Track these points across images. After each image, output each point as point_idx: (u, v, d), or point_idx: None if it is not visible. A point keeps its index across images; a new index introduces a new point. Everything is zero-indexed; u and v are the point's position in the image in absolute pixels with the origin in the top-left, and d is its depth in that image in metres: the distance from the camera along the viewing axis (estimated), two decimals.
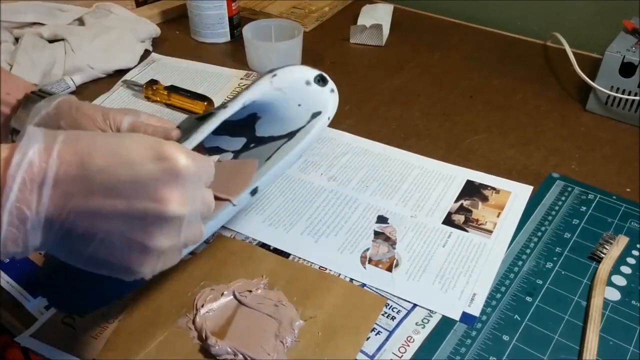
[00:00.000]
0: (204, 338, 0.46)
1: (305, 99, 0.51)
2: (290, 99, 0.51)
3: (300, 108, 0.52)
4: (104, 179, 0.31)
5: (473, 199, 0.62)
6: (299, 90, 0.51)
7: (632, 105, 0.73)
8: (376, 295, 0.51)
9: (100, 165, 0.31)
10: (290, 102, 0.51)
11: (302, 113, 0.52)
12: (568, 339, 0.48)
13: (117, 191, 0.31)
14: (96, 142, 0.32)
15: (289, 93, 0.51)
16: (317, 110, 0.52)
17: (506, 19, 1.00)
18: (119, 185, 0.31)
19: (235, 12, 0.94)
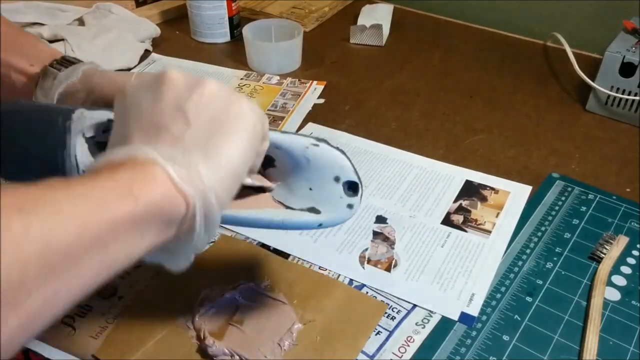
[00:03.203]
0: (202, 338, 0.46)
1: (320, 191, 0.43)
2: (307, 177, 0.43)
3: (307, 192, 0.44)
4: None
5: (472, 199, 0.62)
6: (323, 179, 0.43)
7: (632, 105, 0.73)
8: (377, 301, 0.51)
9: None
10: (304, 179, 0.44)
11: (303, 197, 0.44)
12: (568, 339, 0.48)
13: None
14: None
15: (311, 172, 0.43)
16: (319, 209, 0.44)
17: (506, 19, 1.00)
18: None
19: (235, 12, 0.94)
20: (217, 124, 0.32)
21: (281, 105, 0.79)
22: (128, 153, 0.29)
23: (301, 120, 0.75)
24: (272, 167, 0.45)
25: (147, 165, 0.29)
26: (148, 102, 0.32)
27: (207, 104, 0.32)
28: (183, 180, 0.29)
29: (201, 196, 0.30)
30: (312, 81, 0.84)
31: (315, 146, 0.42)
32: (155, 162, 0.29)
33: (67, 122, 0.39)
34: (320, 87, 0.82)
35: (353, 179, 0.43)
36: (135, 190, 0.27)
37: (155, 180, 0.28)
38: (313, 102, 0.79)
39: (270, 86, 0.83)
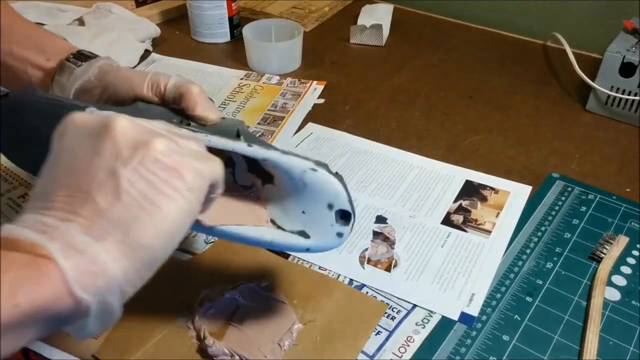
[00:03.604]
0: (202, 338, 0.46)
1: (312, 215, 0.43)
2: (301, 200, 0.43)
3: (300, 215, 0.43)
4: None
5: (472, 199, 0.62)
6: (317, 205, 0.42)
7: (632, 105, 0.73)
8: (377, 301, 0.51)
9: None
10: (298, 202, 0.43)
11: (296, 219, 0.43)
12: (568, 339, 0.47)
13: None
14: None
15: (306, 195, 0.42)
16: (309, 233, 0.43)
17: (506, 19, 1.00)
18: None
19: (235, 12, 0.94)
20: (151, 195, 0.29)
21: (281, 105, 0.79)
22: (29, 237, 0.26)
23: (301, 120, 0.75)
24: (271, 184, 0.44)
25: (41, 260, 0.26)
26: (84, 155, 0.29)
27: (147, 171, 0.29)
28: (81, 282, 0.26)
29: (100, 298, 0.27)
30: (312, 81, 0.84)
31: (313, 171, 0.41)
32: (54, 259, 0.26)
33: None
34: (320, 87, 0.82)
35: (346, 209, 0.42)
36: (16, 295, 0.25)
37: (46, 280, 0.25)
38: (313, 102, 0.79)
39: (270, 86, 0.83)
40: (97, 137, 0.30)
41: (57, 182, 0.29)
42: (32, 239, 0.26)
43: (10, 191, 0.64)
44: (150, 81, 0.45)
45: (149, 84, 0.45)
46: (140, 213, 0.28)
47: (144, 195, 0.28)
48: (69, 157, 0.30)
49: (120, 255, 0.27)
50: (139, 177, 0.29)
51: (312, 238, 0.43)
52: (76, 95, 0.47)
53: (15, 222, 0.28)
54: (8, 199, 0.62)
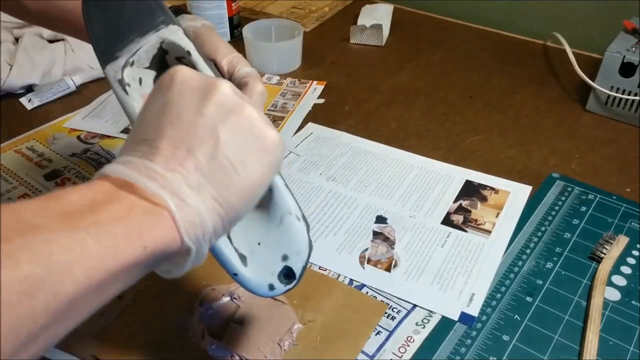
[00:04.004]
0: (202, 338, 0.46)
1: (263, 252, 0.41)
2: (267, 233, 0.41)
3: (254, 243, 0.41)
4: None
5: (472, 199, 0.62)
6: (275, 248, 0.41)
7: (632, 105, 0.73)
8: (377, 301, 0.51)
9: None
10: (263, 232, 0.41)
11: (247, 243, 0.41)
12: (568, 339, 0.47)
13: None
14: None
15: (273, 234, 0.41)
16: (249, 263, 0.41)
17: (506, 19, 1.00)
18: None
19: (235, 12, 0.94)
20: (242, 156, 0.32)
21: (281, 105, 0.79)
22: (145, 185, 0.29)
23: (301, 120, 0.75)
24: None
25: (158, 208, 0.29)
26: (189, 111, 0.32)
27: (241, 133, 0.32)
28: (188, 231, 0.29)
29: (200, 243, 0.30)
30: (312, 81, 0.84)
31: (297, 219, 0.41)
32: (168, 208, 0.29)
33: (161, 25, 0.43)
34: (320, 87, 0.82)
35: (295, 272, 0.40)
36: (144, 238, 0.28)
37: (164, 227, 0.29)
38: (313, 102, 0.79)
39: (270, 86, 0.83)
40: (201, 97, 0.32)
41: (162, 132, 0.31)
42: (150, 188, 0.29)
43: (10, 191, 0.64)
44: (231, 58, 0.47)
45: (228, 59, 0.47)
46: (232, 174, 0.31)
47: (238, 157, 0.31)
48: (175, 111, 0.32)
49: (213, 211, 0.31)
50: (235, 138, 0.32)
51: (248, 268, 0.41)
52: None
53: (121, 163, 0.30)
54: (8, 199, 0.62)
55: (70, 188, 0.28)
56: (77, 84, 0.81)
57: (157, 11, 0.43)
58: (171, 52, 0.44)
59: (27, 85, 0.79)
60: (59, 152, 0.70)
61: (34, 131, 0.73)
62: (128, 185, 0.29)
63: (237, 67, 0.47)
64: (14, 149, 0.70)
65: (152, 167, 0.30)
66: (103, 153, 0.70)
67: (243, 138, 0.32)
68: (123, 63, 0.43)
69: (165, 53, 0.44)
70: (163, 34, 0.43)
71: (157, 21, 0.43)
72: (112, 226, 0.27)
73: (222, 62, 0.47)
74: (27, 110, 0.77)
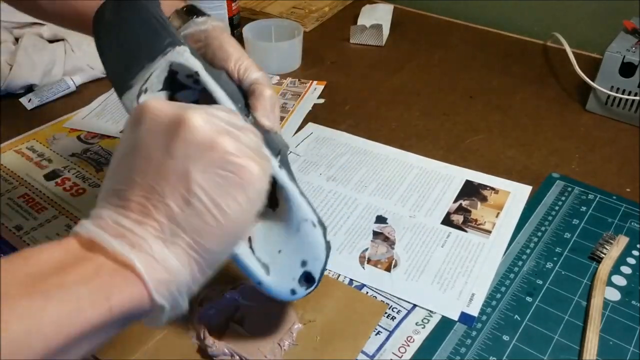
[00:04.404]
0: (202, 338, 0.46)
1: (283, 260, 0.43)
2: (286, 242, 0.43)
3: (275, 252, 0.43)
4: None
5: (472, 199, 0.62)
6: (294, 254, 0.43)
7: (632, 105, 0.73)
8: (377, 301, 0.51)
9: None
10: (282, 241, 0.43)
11: (268, 252, 0.43)
12: (568, 339, 0.47)
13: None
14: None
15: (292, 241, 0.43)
16: (271, 271, 0.43)
17: (506, 19, 1.00)
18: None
19: (235, 12, 0.94)
20: (218, 196, 0.30)
21: (281, 105, 0.79)
22: (111, 245, 0.28)
23: (301, 120, 0.75)
24: (271, 209, 0.44)
25: (125, 269, 0.28)
26: (157, 152, 0.30)
27: (213, 170, 0.30)
28: (158, 289, 0.29)
29: (174, 297, 0.30)
30: (312, 81, 0.84)
31: (312, 225, 0.42)
32: (138, 271, 0.28)
33: (168, 48, 0.43)
34: (320, 87, 0.82)
35: (314, 275, 0.43)
36: (111, 299, 0.27)
37: (132, 287, 0.28)
38: (313, 102, 0.79)
39: None
40: (170, 135, 0.31)
41: (132, 181, 0.30)
42: (117, 250, 0.28)
43: (10, 191, 0.64)
44: (240, 64, 0.47)
45: (238, 65, 0.46)
46: (209, 219, 0.30)
47: (213, 199, 0.30)
48: (143, 154, 0.31)
49: (189, 260, 0.30)
50: (208, 179, 0.30)
51: (270, 276, 0.42)
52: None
53: (92, 219, 0.30)
54: (8, 199, 0.62)
55: (41, 246, 0.28)
56: (77, 84, 0.81)
57: (163, 34, 0.44)
58: (181, 71, 0.44)
59: (27, 85, 0.79)
60: (59, 152, 0.70)
61: (34, 131, 0.73)
62: (97, 244, 0.29)
63: (247, 73, 0.46)
64: (14, 149, 0.70)
65: (122, 222, 0.29)
66: (103, 153, 0.70)
67: (217, 176, 0.30)
68: (137, 91, 0.44)
69: (175, 73, 0.44)
70: (171, 57, 0.43)
71: (164, 44, 0.43)
72: (77, 288, 0.27)
73: (232, 69, 0.46)
74: (27, 110, 0.77)
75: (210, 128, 0.31)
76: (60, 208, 0.61)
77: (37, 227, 0.59)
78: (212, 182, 0.30)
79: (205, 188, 0.30)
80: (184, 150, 0.30)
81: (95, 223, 0.30)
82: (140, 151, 0.31)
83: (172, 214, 0.29)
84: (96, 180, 0.65)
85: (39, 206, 0.61)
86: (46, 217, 0.60)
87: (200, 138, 0.30)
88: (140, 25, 0.44)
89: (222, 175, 0.30)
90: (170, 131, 0.31)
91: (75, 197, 0.63)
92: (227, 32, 0.50)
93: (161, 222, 0.29)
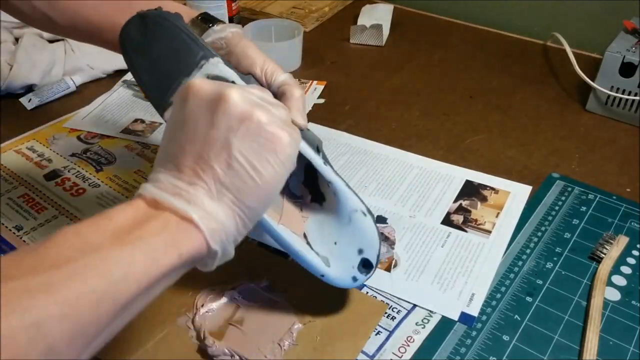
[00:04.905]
0: (202, 338, 0.46)
1: (341, 250, 0.46)
2: (339, 232, 0.46)
3: (331, 244, 0.47)
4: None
5: (472, 199, 0.62)
6: (350, 244, 0.46)
7: (632, 105, 0.73)
8: (377, 301, 0.51)
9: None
10: (335, 232, 0.47)
11: (325, 245, 0.47)
12: (568, 339, 0.48)
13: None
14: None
15: (346, 231, 0.46)
16: (331, 263, 0.46)
17: (506, 19, 1.00)
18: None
19: (235, 12, 0.94)
20: (255, 160, 0.35)
21: None
22: (172, 202, 0.33)
23: None
24: (319, 204, 0.48)
25: (188, 224, 0.33)
26: (203, 125, 0.35)
27: (251, 138, 0.35)
28: (213, 237, 0.33)
29: (224, 245, 0.35)
30: (312, 81, 0.84)
31: (363, 214, 0.46)
32: (194, 220, 0.33)
33: (202, 61, 0.45)
34: (320, 87, 0.82)
35: (372, 261, 0.46)
36: (179, 248, 0.32)
37: (194, 238, 0.33)
38: (313, 102, 0.79)
39: None
40: (213, 109, 0.35)
41: (183, 149, 0.35)
42: (177, 207, 0.33)
43: (10, 191, 0.64)
44: (266, 69, 0.49)
45: (264, 70, 0.49)
46: (247, 179, 0.35)
47: (250, 162, 0.35)
48: (192, 126, 0.35)
49: (233, 214, 0.35)
50: (246, 146, 0.35)
51: (331, 268, 0.46)
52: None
53: (153, 182, 0.35)
54: (8, 198, 0.62)
55: (116, 208, 0.33)
56: (77, 84, 0.81)
57: (195, 49, 0.45)
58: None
59: (27, 85, 0.79)
60: (59, 152, 0.70)
61: (34, 131, 0.73)
62: (160, 203, 0.33)
63: (274, 76, 0.49)
64: (14, 149, 0.70)
65: (177, 184, 0.34)
66: (103, 153, 0.70)
67: (253, 143, 0.35)
68: None
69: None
70: (206, 70, 0.45)
71: (198, 58, 0.45)
72: (153, 240, 0.32)
73: (260, 74, 0.49)
74: (27, 110, 0.77)
75: (246, 102, 0.35)
76: (60, 208, 0.61)
77: (37, 227, 0.59)
78: (249, 148, 0.35)
79: (243, 153, 0.34)
80: (225, 122, 0.35)
81: (155, 185, 0.34)
82: (189, 124, 0.36)
83: (218, 175, 0.34)
84: (96, 180, 0.65)
85: (39, 206, 0.61)
86: (46, 217, 0.60)
87: (238, 111, 0.35)
88: (171, 41, 0.45)
89: (257, 141, 0.35)
90: (212, 106, 0.35)
91: (75, 197, 0.63)
92: (246, 39, 0.51)
93: (209, 182, 0.34)
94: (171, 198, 0.33)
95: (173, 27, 0.46)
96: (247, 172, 0.35)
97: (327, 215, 0.47)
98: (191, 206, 0.33)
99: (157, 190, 0.34)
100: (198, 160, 0.35)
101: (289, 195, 0.50)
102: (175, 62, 0.46)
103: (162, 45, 0.46)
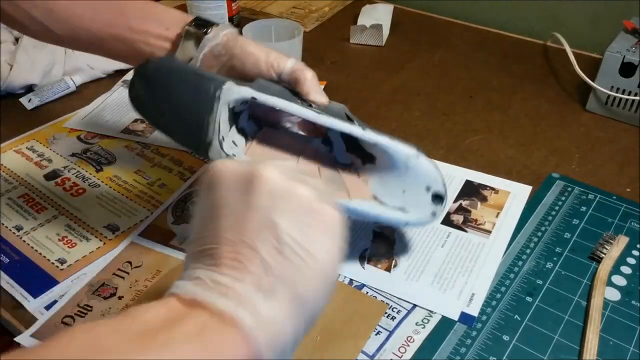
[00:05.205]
0: None
1: (411, 195, 0.48)
2: (402, 181, 0.48)
3: (400, 193, 0.49)
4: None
5: (472, 199, 0.62)
6: (416, 186, 0.48)
7: (632, 105, 0.73)
8: (377, 301, 0.51)
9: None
10: (399, 182, 0.49)
11: (396, 197, 0.49)
12: (568, 339, 0.48)
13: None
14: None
15: (407, 177, 0.48)
16: (408, 210, 0.48)
17: (506, 19, 1.00)
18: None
19: (235, 12, 0.94)
20: (306, 240, 0.30)
21: None
22: (216, 303, 0.28)
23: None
24: (372, 164, 0.50)
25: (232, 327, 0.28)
26: (240, 207, 0.31)
27: (297, 215, 0.31)
28: (267, 345, 0.28)
29: (281, 354, 0.29)
30: None
31: (417, 157, 0.48)
32: (243, 325, 0.28)
33: (217, 92, 0.45)
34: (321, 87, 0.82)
35: (441, 192, 0.48)
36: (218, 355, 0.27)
37: (239, 343, 0.28)
38: None
39: None
40: (247, 190, 0.31)
41: (219, 238, 0.31)
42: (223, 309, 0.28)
43: (10, 191, 0.64)
44: (271, 62, 0.48)
45: (269, 63, 0.48)
46: (300, 264, 0.30)
47: (301, 245, 0.30)
48: (227, 212, 0.31)
49: (291, 313, 0.29)
50: (294, 226, 0.30)
51: (411, 214, 0.48)
52: (203, 60, 0.50)
53: (189, 279, 0.30)
54: (8, 199, 0.62)
55: (144, 306, 0.28)
56: (77, 84, 0.81)
57: (205, 84, 0.45)
58: (236, 104, 0.47)
59: (27, 85, 0.79)
60: (59, 152, 0.70)
61: (34, 131, 0.73)
62: (200, 303, 0.28)
63: (280, 66, 0.48)
64: (14, 149, 0.70)
65: (219, 280, 0.29)
66: (103, 153, 0.70)
67: (301, 220, 0.31)
68: (218, 145, 0.46)
69: (233, 108, 0.47)
70: (224, 99, 0.45)
71: (212, 92, 0.45)
72: (185, 345, 0.27)
73: (265, 70, 0.48)
74: (27, 110, 0.77)
75: (282, 177, 0.32)
76: (60, 208, 0.61)
77: (37, 227, 0.59)
78: (297, 228, 0.30)
79: (293, 235, 0.30)
80: (265, 202, 0.31)
81: (194, 283, 0.29)
82: (222, 210, 0.31)
83: (266, 263, 0.29)
84: (96, 180, 0.65)
85: (39, 206, 0.61)
86: (46, 217, 0.60)
87: (277, 187, 0.31)
88: (178, 86, 0.45)
89: (306, 218, 0.31)
90: (246, 187, 0.31)
91: (75, 197, 0.63)
92: (242, 38, 0.50)
93: (258, 274, 0.29)
94: (216, 297, 0.28)
95: (176, 73, 0.45)
96: (299, 256, 0.30)
97: (384, 170, 0.49)
98: (240, 309, 0.28)
99: (196, 288, 0.29)
100: (240, 247, 0.30)
101: (341, 166, 0.51)
102: (193, 105, 0.45)
103: (175, 95, 0.45)
